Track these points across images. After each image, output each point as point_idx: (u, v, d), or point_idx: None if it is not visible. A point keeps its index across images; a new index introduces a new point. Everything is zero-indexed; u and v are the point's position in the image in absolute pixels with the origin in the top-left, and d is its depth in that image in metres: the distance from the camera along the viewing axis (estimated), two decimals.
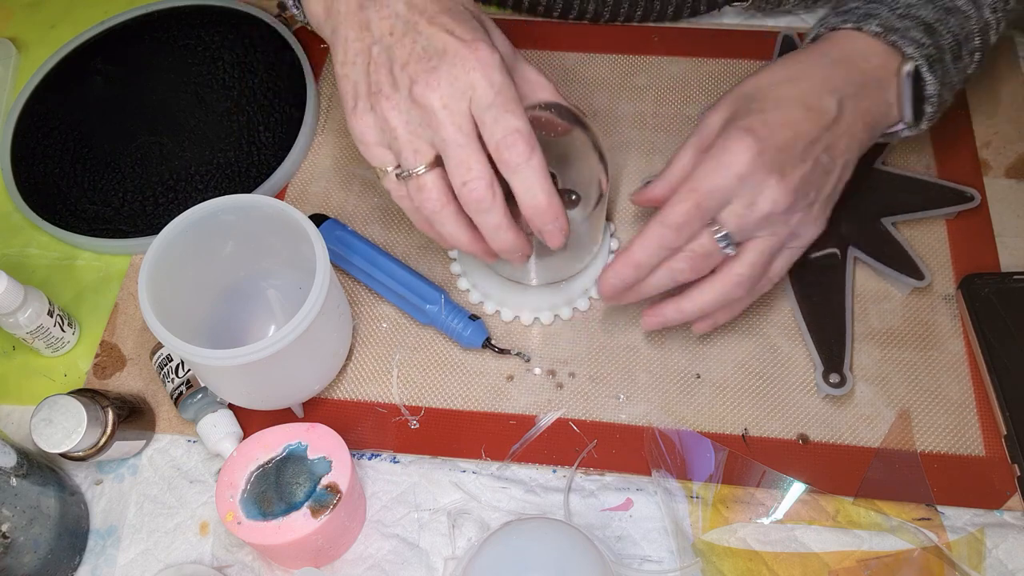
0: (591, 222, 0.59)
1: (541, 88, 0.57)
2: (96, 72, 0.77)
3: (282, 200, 0.55)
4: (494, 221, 0.50)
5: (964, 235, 0.65)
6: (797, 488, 0.55)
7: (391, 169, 0.52)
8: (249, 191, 0.69)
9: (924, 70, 0.55)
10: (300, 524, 0.50)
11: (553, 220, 0.51)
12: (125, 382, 0.63)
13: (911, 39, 0.55)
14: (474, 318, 0.61)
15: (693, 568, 0.53)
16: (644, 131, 0.72)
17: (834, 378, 0.58)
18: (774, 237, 0.53)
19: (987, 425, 0.57)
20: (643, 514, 0.56)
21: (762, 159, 0.51)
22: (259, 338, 0.52)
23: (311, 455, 0.53)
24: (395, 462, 0.58)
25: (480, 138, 0.49)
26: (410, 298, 0.62)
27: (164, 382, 0.60)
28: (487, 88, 0.48)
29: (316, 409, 0.61)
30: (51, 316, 0.62)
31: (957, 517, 0.54)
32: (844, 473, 0.56)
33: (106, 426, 0.56)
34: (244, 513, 0.51)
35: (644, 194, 0.59)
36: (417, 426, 0.60)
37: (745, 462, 0.56)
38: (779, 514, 0.55)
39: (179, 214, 0.55)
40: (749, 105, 0.54)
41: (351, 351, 0.63)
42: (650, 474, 0.57)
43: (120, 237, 0.68)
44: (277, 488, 0.52)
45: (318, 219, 0.66)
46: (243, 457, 0.53)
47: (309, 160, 0.72)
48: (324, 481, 0.52)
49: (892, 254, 0.62)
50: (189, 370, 0.59)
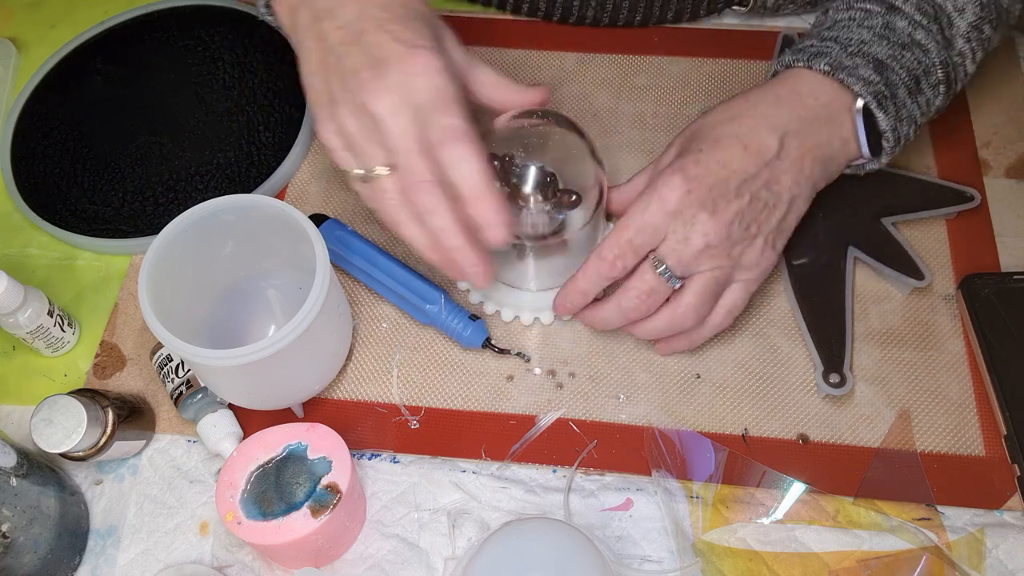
0: (590, 226, 0.59)
1: (499, 88, 0.58)
2: (96, 72, 0.77)
3: (282, 200, 0.55)
4: (438, 224, 0.51)
5: (964, 235, 0.65)
6: (797, 488, 0.55)
7: (355, 172, 0.53)
8: (249, 191, 0.69)
9: (873, 107, 0.56)
10: (300, 524, 0.50)
11: (493, 211, 0.51)
12: (125, 382, 0.63)
13: (859, 77, 0.56)
14: (474, 318, 0.61)
15: (693, 568, 0.53)
16: (644, 131, 0.72)
17: (834, 378, 0.58)
18: (718, 270, 0.55)
19: (987, 425, 0.57)
20: (643, 514, 0.56)
21: (691, 197, 0.53)
22: (259, 338, 0.52)
23: (311, 455, 0.53)
24: (395, 462, 0.59)
25: (428, 140, 0.51)
26: (410, 298, 0.62)
27: (164, 382, 0.60)
28: (427, 93, 0.50)
29: (316, 409, 0.61)
30: (51, 316, 0.62)
31: (957, 517, 0.54)
32: (844, 473, 0.56)
33: (106, 426, 0.56)
34: (244, 513, 0.51)
35: (610, 199, 0.62)
36: (417, 426, 0.60)
37: (745, 462, 0.56)
38: (779, 514, 0.55)
39: (179, 214, 0.55)
40: (691, 144, 0.56)
41: (351, 351, 0.63)
42: (650, 474, 0.57)
43: (120, 237, 0.68)
44: (277, 488, 0.52)
45: (318, 219, 0.66)
46: (243, 457, 0.53)
47: (309, 160, 0.72)
48: (324, 481, 0.52)
49: (892, 254, 0.62)
50: (189, 370, 0.59)
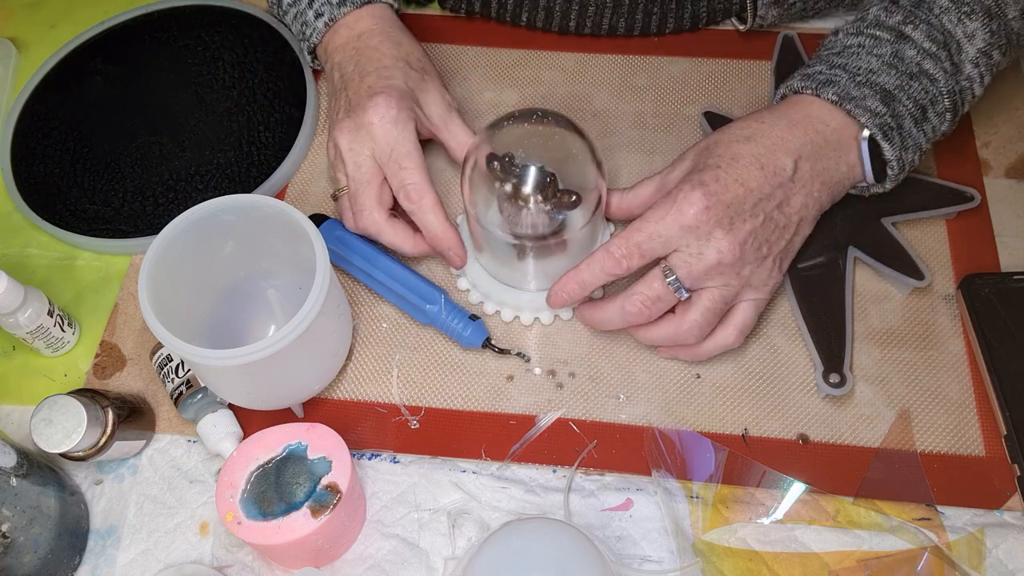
0: (589, 226, 0.59)
1: (462, 148, 0.64)
2: (96, 72, 0.77)
3: (282, 200, 0.55)
4: (386, 240, 0.62)
5: (964, 235, 0.65)
6: (797, 488, 0.55)
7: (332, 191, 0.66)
8: (249, 191, 0.69)
9: (879, 138, 0.57)
10: (300, 524, 0.50)
11: (448, 247, 0.61)
12: (125, 382, 0.63)
13: (866, 108, 0.56)
14: (474, 318, 0.61)
15: (693, 568, 0.53)
16: (644, 131, 0.72)
17: (834, 378, 0.58)
18: (727, 288, 0.56)
19: (987, 425, 0.57)
20: (643, 514, 0.56)
21: (709, 213, 0.54)
22: (259, 338, 0.52)
23: (311, 455, 0.53)
24: (395, 462, 0.59)
25: (379, 175, 0.61)
26: (410, 298, 0.62)
27: (164, 382, 0.60)
28: (383, 142, 0.60)
29: (316, 409, 0.61)
30: (51, 316, 0.62)
31: (957, 517, 0.54)
32: (844, 473, 0.56)
33: (106, 426, 0.56)
34: (244, 513, 0.51)
35: (609, 203, 0.63)
36: (417, 426, 0.60)
37: (745, 462, 0.56)
38: (779, 514, 0.55)
39: (179, 214, 0.55)
40: (707, 160, 0.56)
41: (351, 351, 0.63)
42: (650, 474, 0.57)
43: (120, 237, 0.68)
44: (277, 488, 0.52)
45: (318, 219, 0.66)
46: (243, 457, 0.53)
47: (309, 160, 0.72)
48: (324, 481, 0.52)
49: (892, 254, 0.62)
50: (189, 370, 0.59)
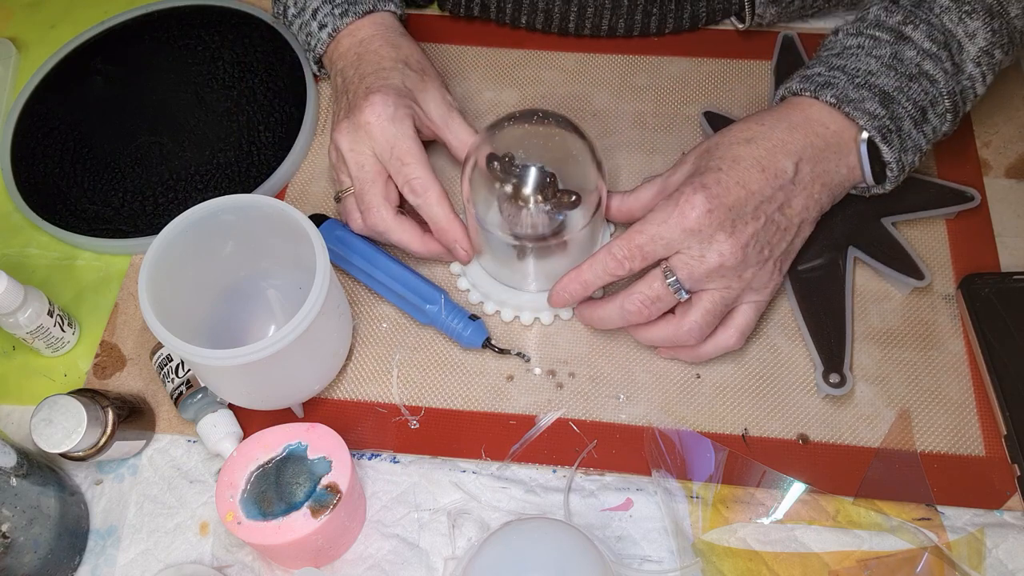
0: (589, 227, 0.59)
1: (464, 146, 0.64)
2: (96, 72, 0.77)
3: (282, 200, 0.55)
4: (394, 238, 0.62)
5: (964, 235, 0.65)
6: (797, 488, 0.55)
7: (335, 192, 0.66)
8: (249, 191, 0.69)
9: (878, 140, 0.57)
10: (300, 524, 0.50)
11: (454, 239, 0.61)
12: (125, 382, 0.63)
13: (864, 111, 0.56)
14: (474, 318, 0.61)
15: (693, 568, 0.53)
16: (644, 131, 0.72)
17: (834, 378, 0.58)
18: (728, 290, 0.56)
19: (987, 425, 0.57)
20: (643, 514, 0.56)
21: (712, 216, 0.54)
22: (259, 338, 0.52)
23: (311, 455, 0.53)
24: (395, 462, 0.59)
25: (383, 173, 0.61)
26: (410, 298, 0.62)
27: (164, 382, 0.60)
28: (382, 140, 0.61)
29: (316, 409, 0.61)
30: (51, 316, 0.62)
31: (957, 517, 0.54)
32: (844, 473, 0.56)
33: (106, 426, 0.56)
34: (244, 513, 0.51)
35: (610, 206, 0.63)
36: (417, 426, 0.60)
37: (745, 462, 0.56)
38: (779, 514, 0.55)
39: (179, 214, 0.55)
40: (708, 162, 0.56)
41: (351, 351, 0.63)
42: (650, 474, 0.57)
43: (120, 237, 0.68)
44: (277, 488, 0.52)
45: (318, 219, 0.66)
46: (243, 457, 0.53)
47: (309, 160, 0.72)
48: (324, 481, 0.52)
49: (892, 254, 0.62)
50: (189, 370, 0.59)
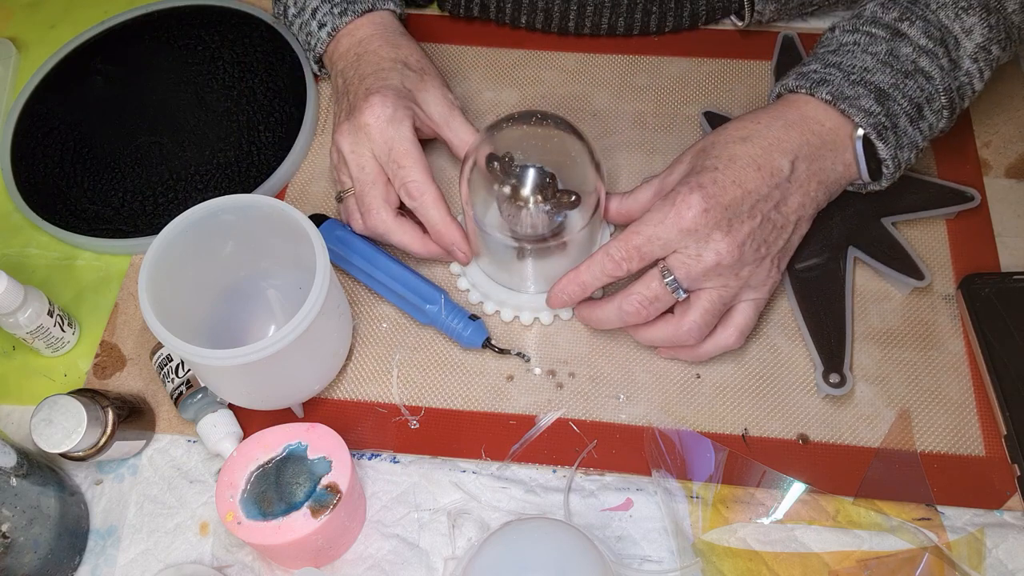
0: (588, 228, 0.59)
1: (465, 145, 0.64)
2: (96, 72, 0.77)
3: (282, 200, 0.55)
4: (395, 240, 0.62)
5: (964, 235, 0.65)
6: (797, 488, 0.55)
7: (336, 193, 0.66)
8: (249, 191, 0.69)
9: (873, 137, 0.57)
10: (300, 524, 0.50)
11: (451, 242, 0.61)
12: (125, 382, 0.63)
13: (860, 108, 0.56)
14: (474, 318, 0.61)
15: (693, 568, 0.53)
16: (644, 131, 0.72)
17: (834, 378, 0.58)
18: (725, 289, 0.56)
19: (987, 425, 0.57)
20: (643, 514, 0.56)
21: (708, 215, 0.54)
22: (259, 338, 0.52)
23: (311, 455, 0.53)
24: (395, 462, 0.59)
25: (383, 175, 0.62)
26: (410, 298, 0.62)
27: (164, 382, 0.60)
28: (380, 142, 0.61)
29: (316, 409, 0.61)
30: (51, 316, 0.62)
31: (957, 517, 0.54)
32: (844, 473, 0.56)
33: (106, 426, 0.56)
34: (244, 513, 0.51)
35: (608, 207, 0.63)
36: (417, 426, 0.60)
37: (745, 462, 0.56)
38: (779, 514, 0.55)
39: (179, 214, 0.55)
40: (704, 161, 0.56)
41: (351, 351, 0.63)
42: (650, 474, 0.57)
43: (120, 237, 0.68)
44: (277, 488, 0.52)
45: (318, 219, 0.66)
46: (243, 457, 0.53)
47: (309, 160, 0.72)
48: (324, 481, 0.52)
49: (892, 254, 0.62)
50: (189, 370, 0.59)
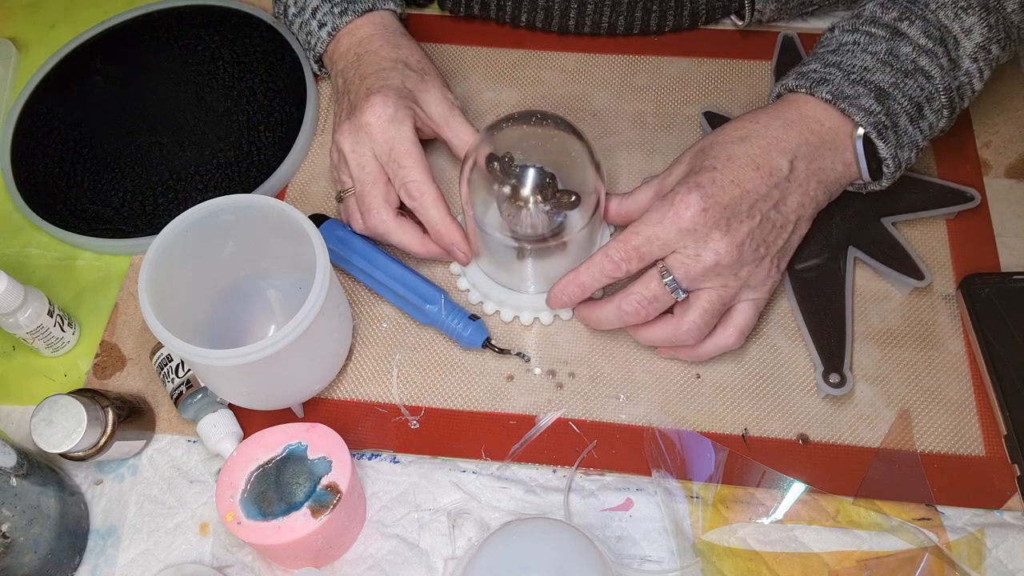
0: (588, 228, 0.59)
1: (465, 145, 0.64)
2: (96, 72, 0.77)
3: (282, 200, 0.55)
4: (395, 240, 0.62)
5: (964, 235, 0.65)
6: (797, 488, 0.55)
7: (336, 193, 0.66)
8: (249, 191, 0.69)
9: (874, 136, 0.57)
10: (300, 524, 0.50)
11: (451, 242, 0.61)
12: (125, 382, 0.63)
13: (860, 107, 0.56)
14: (474, 318, 0.61)
15: (693, 568, 0.53)
16: (644, 131, 0.72)
17: (834, 378, 0.58)
18: (724, 289, 0.56)
19: (987, 425, 0.57)
20: (643, 514, 0.56)
21: (706, 215, 0.54)
22: (259, 338, 0.52)
23: (311, 455, 0.53)
24: (395, 462, 0.59)
25: (383, 175, 0.62)
26: (410, 298, 0.62)
27: (164, 382, 0.60)
28: (381, 141, 0.61)
29: (316, 409, 0.61)
30: (51, 316, 0.62)
31: (957, 517, 0.54)
32: (844, 473, 0.56)
33: (106, 426, 0.56)
34: (244, 513, 0.51)
35: (608, 208, 0.63)
36: (417, 426, 0.60)
37: (745, 462, 0.56)
38: (779, 514, 0.55)
39: (179, 214, 0.55)
40: (703, 162, 0.56)
41: (351, 351, 0.63)
42: (650, 474, 0.57)
43: (120, 237, 0.68)
44: (277, 488, 0.52)
45: (318, 219, 0.66)
46: (243, 457, 0.53)
47: (309, 160, 0.72)
48: (324, 481, 0.52)
49: (892, 254, 0.62)
50: (189, 370, 0.59)
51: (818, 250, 0.62)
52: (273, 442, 0.53)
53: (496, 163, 0.58)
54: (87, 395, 0.56)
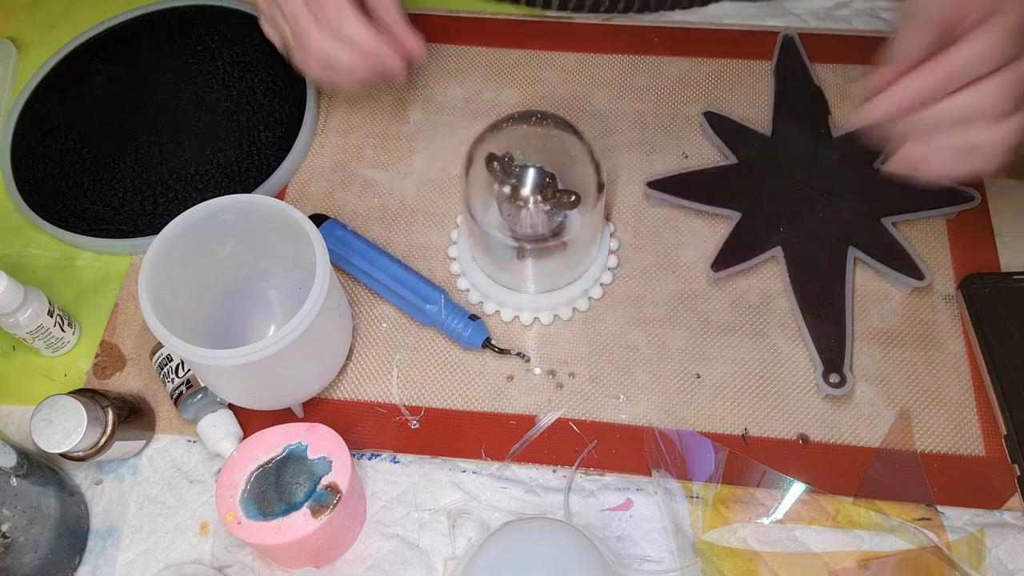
0: (588, 226, 0.59)
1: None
2: (96, 72, 0.77)
3: (282, 200, 0.55)
4: (347, 26, 0.60)
5: (964, 235, 0.65)
6: (797, 488, 0.55)
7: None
8: (249, 191, 0.69)
9: None
10: (300, 524, 0.50)
11: (401, 33, 0.61)
12: (125, 382, 0.63)
13: None
14: (474, 318, 0.61)
15: (693, 568, 0.53)
16: (644, 131, 0.72)
17: (834, 378, 0.58)
18: None
19: (987, 425, 0.57)
20: (643, 514, 0.56)
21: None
22: (259, 338, 0.52)
23: (311, 455, 0.53)
24: (395, 462, 0.59)
25: None
26: (410, 298, 0.62)
27: (164, 382, 0.60)
28: None
29: (316, 409, 0.61)
30: (51, 316, 0.62)
31: (957, 517, 0.54)
32: (844, 473, 0.56)
33: (106, 426, 0.56)
34: (244, 513, 0.51)
35: (877, 79, 0.52)
36: (417, 426, 0.60)
37: (745, 462, 0.56)
38: (779, 514, 0.55)
39: (179, 214, 0.55)
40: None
41: (351, 351, 0.63)
42: (650, 474, 0.57)
43: (120, 237, 0.68)
44: (277, 488, 0.52)
45: (318, 219, 0.66)
46: (243, 457, 0.53)
47: (309, 160, 0.72)
48: (324, 481, 0.52)
49: (892, 254, 0.62)
50: (189, 370, 0.59)
51: (818, 250, 0.62)
52: (273, 442, 0.53)
53: (496, 163, 0.58)
54: (87, 395, 0.56)
